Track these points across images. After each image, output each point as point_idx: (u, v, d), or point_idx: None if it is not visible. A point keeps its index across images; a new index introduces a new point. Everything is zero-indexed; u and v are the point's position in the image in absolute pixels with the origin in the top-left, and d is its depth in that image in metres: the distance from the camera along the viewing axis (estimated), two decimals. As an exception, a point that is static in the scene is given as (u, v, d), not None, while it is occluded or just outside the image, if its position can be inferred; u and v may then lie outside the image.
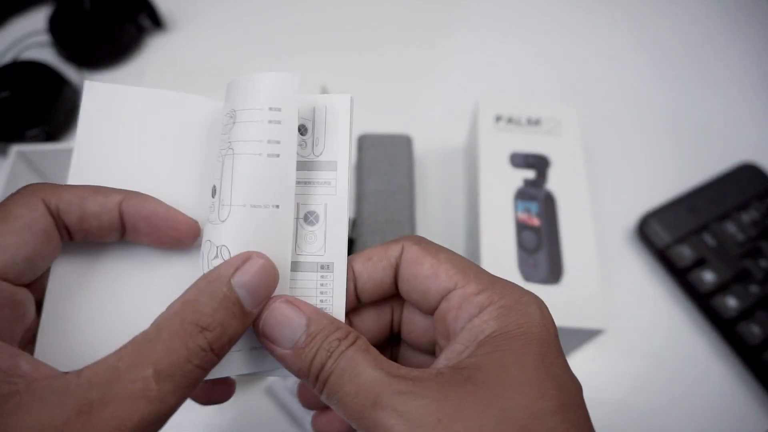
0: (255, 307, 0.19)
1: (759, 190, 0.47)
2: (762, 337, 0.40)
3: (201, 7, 0.60)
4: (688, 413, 0.40)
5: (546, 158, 0.42)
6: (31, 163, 0.43)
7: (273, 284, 0.20)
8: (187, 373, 0.17)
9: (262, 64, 0.55)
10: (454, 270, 0.21)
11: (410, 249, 0.22)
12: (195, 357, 0.17)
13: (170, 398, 0.17)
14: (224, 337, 0.18)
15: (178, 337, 0.17)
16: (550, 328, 0.20)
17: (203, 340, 0.17)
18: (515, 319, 0.20)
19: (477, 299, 0.20)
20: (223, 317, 0.18)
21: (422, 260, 0.22)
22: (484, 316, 0.20)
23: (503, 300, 0.20)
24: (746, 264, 0.43)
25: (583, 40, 0.59)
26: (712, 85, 0.57)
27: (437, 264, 0.21)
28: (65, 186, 0.21)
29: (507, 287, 0.21)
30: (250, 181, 0.21)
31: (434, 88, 0.55)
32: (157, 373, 0.16)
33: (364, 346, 0.20)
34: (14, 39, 0.55)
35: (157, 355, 0.17)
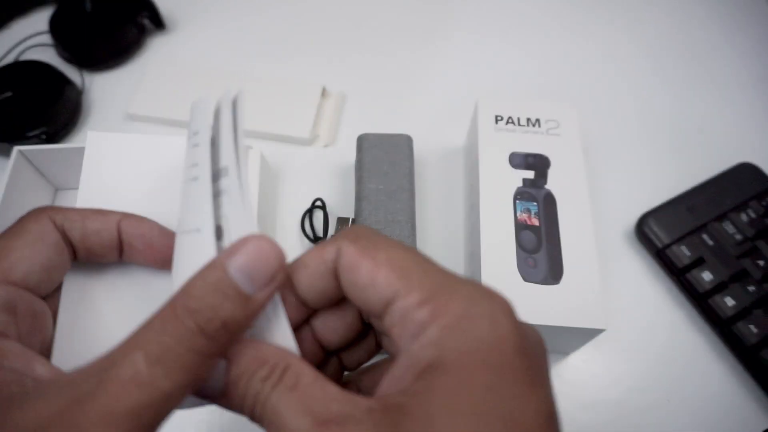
0: (257, 291, 0.18)
1: (757, 190, 0.47)
2: (759, 336, 0.40)
3: (201, 7, 0.60)
4: (686, 412, 0.40)
5: (546, 158, 0.42)
6: (33, 163, 0.43)
7: (274, 263, 0.18)
8: (178, 357, 0.16)
9: (262, 64, 0.56)
10: (394, 275, 0.18)
11: (347, 251, 0.19)
12: (184, 340, 0.17)
13: (163, 383, 0.16)
14: (216, 319, 0.17)
15: (167, 321, 0.17)
16: (506, 345, 0.17)
17: (192, 323, 0.17)
18: (456, 345, 0.16)
19: (418, 315, 0.17)
20: (214, 300, 0.17)
21: (359, 264, 0.19)
22: (422, 340, 0.17)
23: (447, 317, 0.17)
24: (744, 264, 0.43)
25: (583, 40, 0.60)
26: (712, 86, 0.57)
27: (375, 268, 0.18)
28: (70, 207, 0.23)
29: (455, 294, 0.17)
30: (182, 208, 0.21)
31: (434, 88, 0.55)
32: (146, 357, 0.16)
33: (291, 380, 0.17)
34: (16, 40, 0.55)
35: (146, 341, 0.17)
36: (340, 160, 0.50)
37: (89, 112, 0.52)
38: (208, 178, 0.21)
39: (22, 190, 0.42)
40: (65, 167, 0.44)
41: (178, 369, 0.16)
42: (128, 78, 0.54)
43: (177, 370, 0.16)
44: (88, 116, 0.52)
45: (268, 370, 0.18)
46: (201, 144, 0.21)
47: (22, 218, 0.22)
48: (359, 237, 0.19)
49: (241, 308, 0.18)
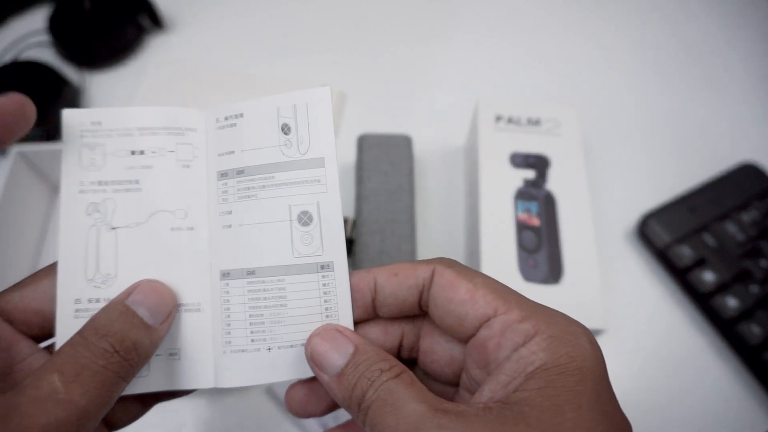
0: (158, 322, 0.20)
1: (759, 190, 0.47)
2: (762, 337, 0.40)
3: (201, 7, 0.60)
4: (688, 413, 0.40)
5: (546, 158, 0.42)
6: (31, 163, 0.43)
7: (169, 298, 0.21)
8: (95, 374, 0.18)
9: (262, 64, 0.55)
10: (493, 295, 0.20)
11: (444, 272, 0.21)
12: (99, 357, 0.18)
13: (80, 399, 0.17)
14: (127, 341, 0.19)
15: (79, 345, 0.18)
16: (601, 362, 0.19)
17: (105, 343, 0.18)
18: (566, 351, 0.18)
19: (522, 327, 0.19)
20: (122, 326, 0.19)
21: (458, 284, 0.21)
22: (531, 347, 0.19)
23: (551, 329, 0.19)
24: (746, 264, 0.43)
25: (583, 40, 0.59)
26: (713, 85, 0.57)
27: (474, 289, 0.20)
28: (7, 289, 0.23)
29: (553, 316, 0.20)
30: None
31: (434, 88, 0.55)
32: (62, 375, 0.17)
33: (408, 379, 0.19)
34: (14, 39, 0.55)
35: (60, 362, 0.18)
36: (340, 160, 0.49)
37: (88, 111, 0.52)
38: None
39: (21, 190, 0.42)
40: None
41: (94, 386, 0.18)
42: (127, 77, 0.54)
43: (93, 388, 0.18)
44: (87, 116, 0.52)
45: (388, 364, 0.19)
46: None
47: None
48: (453, 264, 0.22)
49: (146, 336, 0.20)
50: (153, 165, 0.23)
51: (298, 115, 0.23)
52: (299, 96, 0.24)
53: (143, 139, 0.23)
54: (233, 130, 0.24)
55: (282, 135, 0.23)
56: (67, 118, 0.23)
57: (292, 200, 0.23)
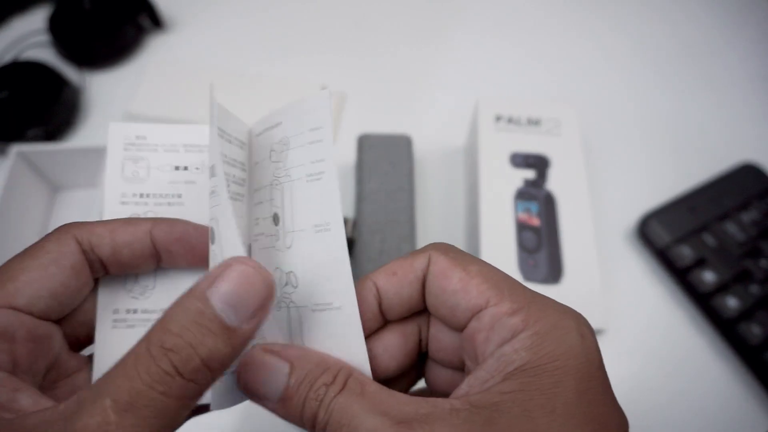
0: (243, 322, 0.16)
1: (759, 189, 0.47)
2: (762, 337, 0.40)
3: (201, 7, 0.60)
4: (688, 413, 0.40)
5: (546, 158, 0.42)
6: (32, 163, 0.43)
7: (262, 291, 0.16)
8: (151, 403, 0.15)
9: (262, 63, 0.55)
10: (486, 285, 0.19)
11: (438, 260, 0.20)
12: (158, 383, 0.15)
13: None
14: (195, 358, 0.15)
15: (140, 361, 0.15)
16: (593, 357, 0.18)
17: (167, 363, 0.15)
18: (550, 350, 0.17)
19: (510, 322, 0.18)
20: (194, 336, 0.15)
21: (451, 273, 0.19)
22: (515, 344, 0.18)
23: (538, 324, 0.18)
24: (746, 264, 0.43)
25: (583, 40, 0.59)
26: (713, 85, 0.57)
27: (467, 278, 0.19)
28: (97, 222, 0.21)
29: (545, 307, 0.18)
30: (306, 204, 0.21)
31: (434, 88, 0.55)
32: (115, 403, 0.14)
33: (357, 388, 0.17)
34: (14, 39, 0.55)
35: (116, 384, 0.15)
36: (340, 160, 0.50)
37: (88, 111, 0.52)
38: (335, 175, 0.20)
39: (21, 189, 0.42)
40: (64, 167, 0.44)
41: (150, 417, 0.15)
42: (127, 77, 0.54)
43: (149, 418, 0.15)
44: (87, 115, 0.52)
45: (331, 376, 0.18)
46: (324, 140, 0.21)
47: (45, 236, 0.20)
48: (449, 250, 0.20)
49: (224, 343, 0.16)
50: (196, 180, 0.23)
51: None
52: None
53: (188, 155, 0.24)
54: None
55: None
56: (112, 131, 0.23)
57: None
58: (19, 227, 0.42)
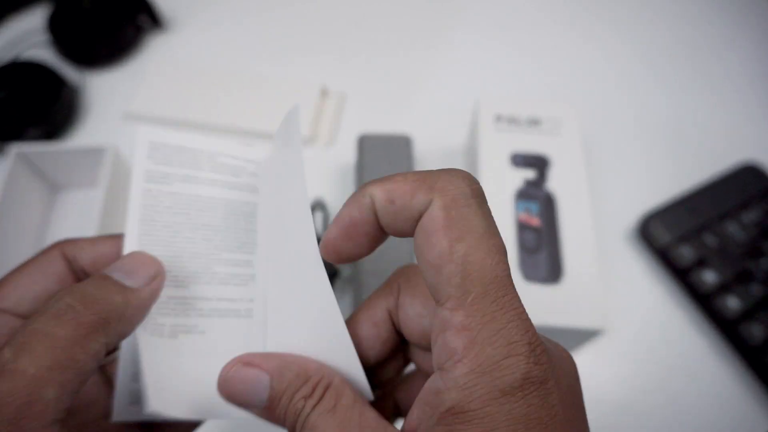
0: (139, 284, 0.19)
1: (760, 190, 0.47)
2: (763, 337, 0.40)
3: (201, 7, 0.60)
4: (688, 414, 0.40)
5: (546, 158, 0.42)
6: (31, 163, 0.43)
7: (149, 261, 0.20)
8: (44, 338, 0.17)
9: (262, 63, 0.55)
10: (458, 278, 0.16)
11: (433, 213, 0.17)
12: (51, 319, 0.17)
13: (29, 367, 0.16)
14: (88, 296, 0.18)
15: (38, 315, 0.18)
16: (533, 396, 0.15)
17: (61, 304, 0.18)
18: (482, 392, 0.15)
19: (453, 343, 0.16)
20: (89, 287, 0.18)
21: (435, 240, 0.17)
22: (448, 381, 0.15)
23: (479, 358, 0.15)
24: (747, 264, 0.43)
25: (583, 40, 0.59)
26: (713, 85, 0.57)
27: (447, 256, 0.16)
28: (84, 237, 0.23)
29: (497, 333, 0.15)
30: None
31: (434, 88, 0.55)
32: (10, 347, 0.17)
33: (330, 402, 0.17)
34: (13, 38, 0.55)
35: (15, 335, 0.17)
36: (340, 160, 0.50)
37: (87, 111, 0.52)
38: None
39: (21, 189, 0.42)
40: (63, 166, 0.44)
41: (41, 350, 0.16)
42: (126, 77, 0.54)
43: (41, 352, 0.16)
44: (86, 115, 0.52)
45: (310, 388, 0.18)
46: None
47: (38, 252, 0.22)
48: (454, 203, 0.17)
49: (119, 294, 0.19)
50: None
51: None
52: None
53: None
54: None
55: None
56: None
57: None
58: (19, 227, 0.42)
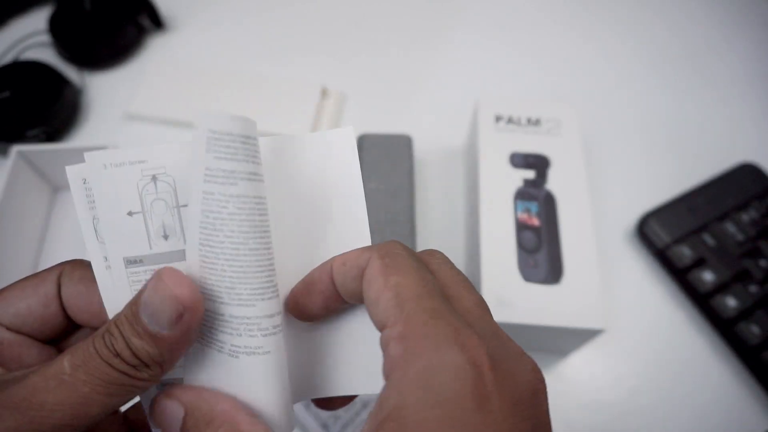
0: (163, 329, 0.18)
1: (758, 190, 0.47)
2: (761, 337, 0.40)
3: (201, 7, 0.60)
4: (687, 413, 0.40)
5: (546, 158, 0.42)
6: (32, 163, 0.43)
7: (172, 303, 0.18)
8: (100, 366, 0.17)
9: (262, 63, 0.55)
10: (394, 301, 0.17)
11: (373, 263, 0.19)
12: (102, 352, 0.18)
13: (82, 386, 0.17)
14: (126, 349, 0.18)
15: (96, 338, 0.18)
16: (467, 401, 0.15)
17: (109, 343, 0.18)
18: (417, 397, 0.15)
19: (391, 352, 0.17)
20: (126, 331, 0.18)
21: (374, 281, 0.18)
22: (387, 386, 0.16)
23: (415, 361, 0.16)
24: (746, 264, 0.43)
25: (582, 41, 0.60)
26: (712, 85, 0.57)
27: (382, 289, 0.18)
28: (84, 261, 0.22)
29: (433, 336, 0.16)
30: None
31: (434, 88, 0.55)
32: (71, 360, 0.17)
33: None
34: (15, 39, 0.55)
35: (75, 349, 0.18)
36: (339, 160, 0.50)
37: (88, 111, 0.52)
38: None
39: (21, 189, 0.42)
40: (64, 167, 0.44)
41: (97, 377, 0.17)
42: (127, 77, 0.54)
43: (96, 378, 0.17)
44: (87, 116, 0.52)
45: (214, 428, 0.18)
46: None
47: (46, 268, 0.22)
48: (388, 254, 0.19)
49: (149, 344, 0.18)
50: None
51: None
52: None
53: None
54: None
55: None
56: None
57: None
58: (19, 227, 0.42)
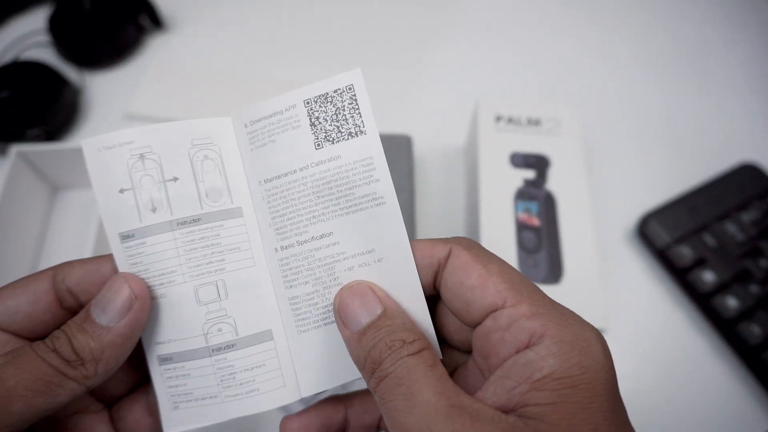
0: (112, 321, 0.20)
1: (759, 189, 0.47)
2: (762, 337, 0.40)
3: (201, 7, 0.60)
4: (687, 413, 0.40)
5: (546, 158, 0.42)
6: (31, 163, 0.43)
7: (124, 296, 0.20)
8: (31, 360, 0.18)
9: (262, 63, 0.55)
10: (505, 285, 0.19)
11: (459, 254, 0.20)
12: (39, 350, 0.19)
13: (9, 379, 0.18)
14: (66, 345, 0.19)
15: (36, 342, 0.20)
16: (613, 373, 0.18)
17: (50, 342, 0.20)
18: (579, 361, 0.17)
19: (529, 325, 0.18)
20: (71, 330, 0.20)
21: (471, 268, 0.19)
22: (540, 351, 0.17)
23: (562, 333, 0.18)
24: (746, 264, 0.43)
25: (582, 41, 0.59)
26: (712, 85, 0.57)
27: (486, 275, 0.19)
28: (80, 259, 0.23)
29: (565, 316, 0.18)
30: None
31: (434, 88, 0.55)
32: (2, 357, 0.19)
33: (429, 359, 0.18)
34: (14, 39, 0.55)
35: (11, 350, 0.19)
36: (339, 160, 0.50)
37: (88, 111, 0.52)
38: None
39: (21, 189, 0.42)
40: (64, 167, 0.44)
41: (27, 371, 0.18)
42: (127, 77, 0.54)
43: (25, 372, 0.18)
44: (87, 115, 0.52)
45: (412, 337, 0.18)
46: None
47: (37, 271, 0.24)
48: (471, 246, 0.20)
49: (91, 338, 0.19)
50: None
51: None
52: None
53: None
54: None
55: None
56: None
57: None
58: (19, 227, 0.42)
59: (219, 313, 0.21)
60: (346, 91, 0.22)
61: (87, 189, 0.46)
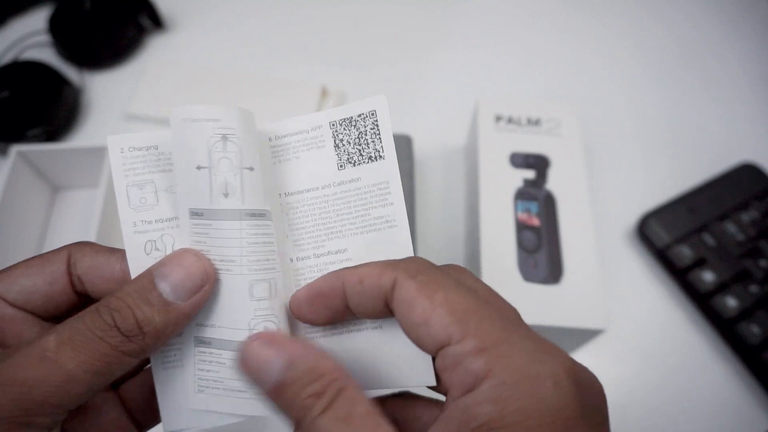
0: (179, 299, 0.19)
1: (759, 189, 0.47)
2: (762, 337, 0.40)
3: (201, 7, 0.60)
4: (687, 413, 0.40)
5: (546, 158, 0.42)
6: (32, 163, 0.43)
7: (197, 275, 0.19)
8: (89, 342, 0.17)
9: (262, 63, 0.55)
10: (450, 318, 0.17)
11: (403, 284, 0.18)
12: (97, 328, 0.18)
13: (68, 362, 0.17)
14: (129, 319, 0.18)
15: (86, 314, 0.18)
16: (569, 410, 0.16)
17: (108, 317, 0.18)
18: (518, 405, 0.15)
19: (473, 365, 0.16)
20: (134, 301, 0.18)
21: (414, 302, 0.18)
22: (477, 396, 0.16)
23: (506, 372, 0.16)
24: (746, 264, 0.43)
25: (582, 41, 0.60)
26: (712, 85, 0.57)
27: (430, 309, 0.17)
28: (96, 245, 0.22)
29: (514, 348, 0.16)
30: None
31: (434, 88, 0.55)
32: (57, 337, 0.17)
33: (343, 410, 0.16)
34: (14, 39, 0.55)
35: (61, 327, 0.18)
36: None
37: (88, 111, 0.52)
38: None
39: (21, 189, 0.42)
40: (64, 167, 0.44)
41: (86, 353, 0.17)
42: (127, 77, 0.54)
43: (83, 354, 0.17)
44: (87, 116, 0.52)
45: (322, 386, 0.17)
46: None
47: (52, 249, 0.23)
48: (420, 271, 0.19)
49: (158, 313, 0.18)
50: None
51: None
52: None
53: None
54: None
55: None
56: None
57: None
58: (19, 227, 0.42)
59: (267, 312, 0.21)
60: (369, 117, 0.23)
61: (87, 189, 0.46)
